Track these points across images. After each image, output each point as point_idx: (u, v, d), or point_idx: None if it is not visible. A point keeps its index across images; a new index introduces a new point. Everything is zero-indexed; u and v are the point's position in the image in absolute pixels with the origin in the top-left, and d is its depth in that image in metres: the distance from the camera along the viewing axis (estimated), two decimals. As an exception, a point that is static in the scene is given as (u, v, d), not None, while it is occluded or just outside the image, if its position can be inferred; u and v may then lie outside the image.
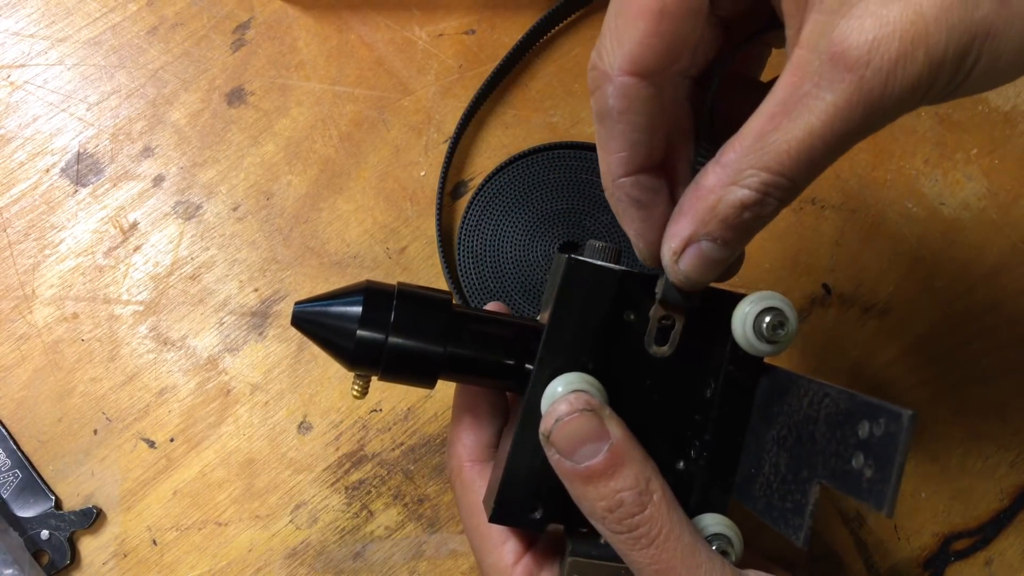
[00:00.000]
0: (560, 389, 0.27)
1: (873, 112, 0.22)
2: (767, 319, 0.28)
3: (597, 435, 0.25)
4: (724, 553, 0.28)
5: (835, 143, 0.22)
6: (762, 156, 0.22)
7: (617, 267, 0.29)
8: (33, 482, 0.42)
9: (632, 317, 0.29)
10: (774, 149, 0.22)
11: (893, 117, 0.22)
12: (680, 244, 0.25)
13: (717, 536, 0.28)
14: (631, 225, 0.27)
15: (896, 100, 0.21)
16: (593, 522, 0.26)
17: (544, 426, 0.26)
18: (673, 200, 0.27)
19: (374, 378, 0.30)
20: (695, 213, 0.24)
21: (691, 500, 0.30)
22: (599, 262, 0.29)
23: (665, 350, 0.30)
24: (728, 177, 0.23)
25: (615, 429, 0.26)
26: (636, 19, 0.23)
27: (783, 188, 0.23)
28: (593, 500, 0.25)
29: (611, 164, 0.26)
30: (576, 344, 0.29)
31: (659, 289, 0.28)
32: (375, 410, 0.45)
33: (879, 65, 0.21)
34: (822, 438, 0.25)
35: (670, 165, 0.27)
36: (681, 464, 0.30)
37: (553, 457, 0.26)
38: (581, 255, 0.29)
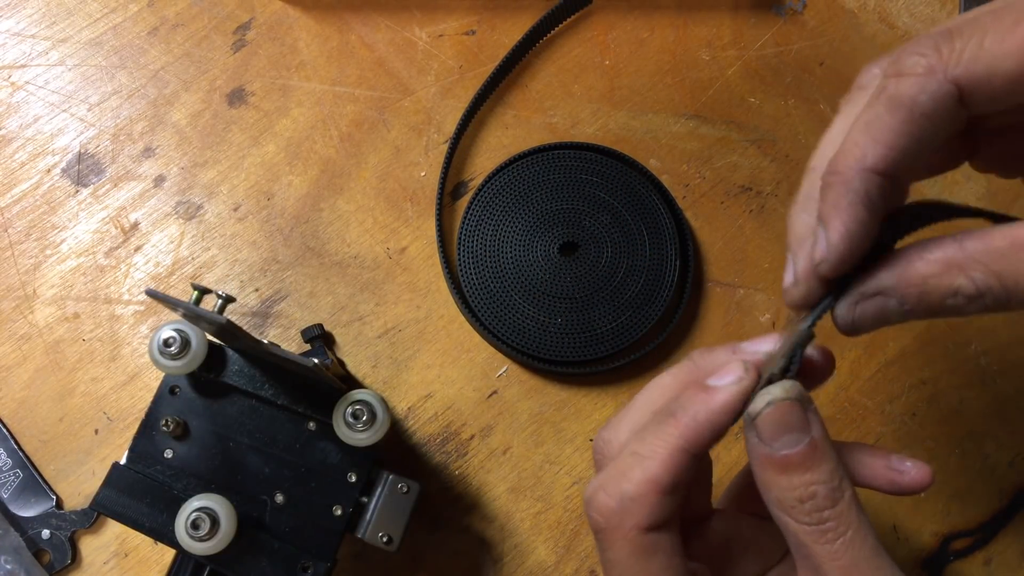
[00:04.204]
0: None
1: None
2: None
3: (800, 426, 0.25)
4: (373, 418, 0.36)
5: None
6: (1004, 263, 0.22)
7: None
8: (34, 482, 0.43)
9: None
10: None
11: None
12: (873, 290, 0.25)
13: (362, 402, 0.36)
14: (848, 216, 0.25)
15: None
16: (777, 511, 0.26)
17: (753, 407, 0.26)
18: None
19: None
20: (906, 272, 0.24)
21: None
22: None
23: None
24: (957, 260, 0.23)
25: (816, 425, 0.26)
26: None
27: (998, 299, 0.23)
28: (784, 489, 0.25)
29: (866, 151, 0.24)
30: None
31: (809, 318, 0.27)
32: (375, 410, 0.45)
33: None
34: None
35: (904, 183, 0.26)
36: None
37: (752, 440, 0.26)
38: None
